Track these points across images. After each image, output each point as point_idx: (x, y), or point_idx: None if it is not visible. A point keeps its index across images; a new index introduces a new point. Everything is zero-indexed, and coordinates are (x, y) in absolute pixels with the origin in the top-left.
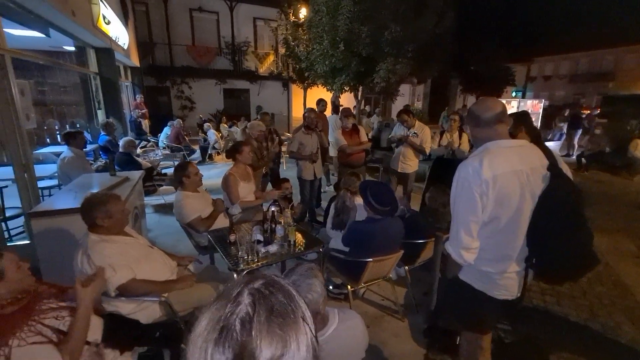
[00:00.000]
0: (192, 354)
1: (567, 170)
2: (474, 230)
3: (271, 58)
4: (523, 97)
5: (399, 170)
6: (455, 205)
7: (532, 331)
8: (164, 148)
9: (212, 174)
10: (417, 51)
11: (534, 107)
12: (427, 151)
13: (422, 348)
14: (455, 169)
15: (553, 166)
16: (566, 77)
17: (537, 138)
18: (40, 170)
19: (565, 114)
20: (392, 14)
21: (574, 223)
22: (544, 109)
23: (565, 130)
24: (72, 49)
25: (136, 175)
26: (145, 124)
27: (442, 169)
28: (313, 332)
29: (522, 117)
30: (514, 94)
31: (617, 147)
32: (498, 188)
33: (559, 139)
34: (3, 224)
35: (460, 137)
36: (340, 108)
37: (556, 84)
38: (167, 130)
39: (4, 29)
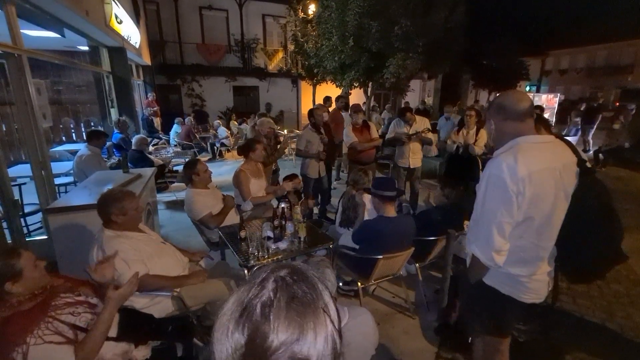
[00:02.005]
0: (217, 329)
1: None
2: (507, 231)
3: (280, 55)
4: (537, 91)
5: (411, 167)
6: (485, 205)
7: (547, 330)
8: (175, 145)
9: (223, 170)
10: (428, 46)
11: (549, 101)
12: (435, 140)
13: (433, 346)
14: (469, 165)
15: (582, 163)
16: (583, 71)
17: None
18: (56, 167)
19: (582, 109)
20: (402, 8)
21: (607, 220)
22: (559, 104)
23: (581, 125)
24: (86, 48)
25: (148, 172)
26: (157, 121)
27: (457, 166)
28: (335, 325)
29: (539, 118)
30: (527, 88)
31: (637, 142)
32: (534, 186)
33: (574, 134)
34: (22, 220)
35: (477, 133)
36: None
37: (572, 77)
38: (176, 128)
39: (21, 30)
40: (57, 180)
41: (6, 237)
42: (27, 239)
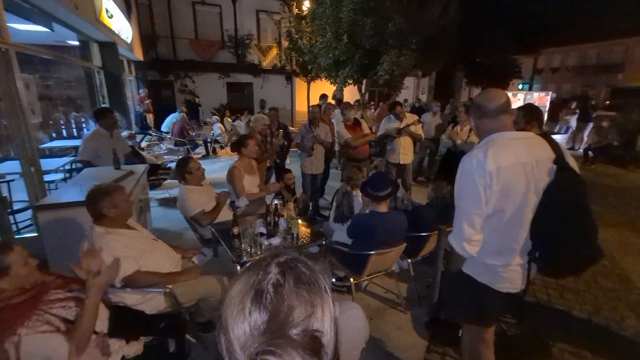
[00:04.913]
0: (230, 310)
1: (574, 164)
2: (477, 222)
3: (274, 51)
4: (530, 89)
5: (400, 162)
6: (458, 197)
7: (535, 324)
8: (167, 133)
9: (216, 167)
10: (422, 43)
11: (541, 99)
12: (423, 137)
13: (424, 340)
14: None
15: (559, 159)
16: (574, 69)
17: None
18: (46, 164)
19: (572, 107)
20: (396, 5)
21: (577, 217)
22: (551, 102)
23: (572, 123)
24: (76, 43)
25: (140, 168)
26: (150, 118)
27: (452, 163)
28: (332, 304)
29: (535, 113)
30: (520, 86)
31: (626, 140)
32: (502, 180)
33: (565, 132)
34: (11, 217)
35: (470, 130)
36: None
37: (564, 75)
38: (172, 118)
39: (8, 24)
40: (47, 177)
41: None
42: (16, 237)
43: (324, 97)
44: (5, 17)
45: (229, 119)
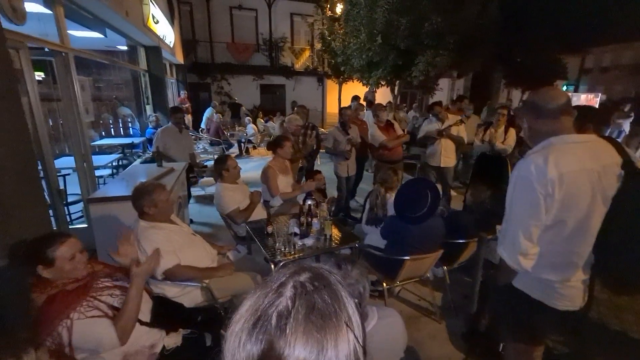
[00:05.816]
0: (230, 335)
1: None
2: (535, 234)
3: (307, 53)
4: (575, 91)
5: (441, 165)
6: (512, 207)
7: (585, 345)
8: (202, 130)
9: (249, 167)
10: (459, 43)
11: (589, 102)
12: (466, 140)
13: (460, 352)
14: (499, 166)
15: (628, 164)
16: (627, 68)
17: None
18: (96, 160)
19: (626, 109)
20: (433, 4)
21: None
22: (600, 104)
23: (625, 127)
24: (125, 48)
25: (180, 166)
26: (188, 118)
27: (485, 166)
28: (360, 340)
29: (590, 114)
30: (565, 88)
31: None
32: (565, 189)
33: (617, 137)
34: (65, 209)
35: (506, 132)
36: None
37: (615, 76)
38: (207, 113)
39: (67, 30)
40: (97, 172)
41: (52, 224)
42: (69, 227)
43: (356, 98)
44: (66, 25)
45: (262, 120)
